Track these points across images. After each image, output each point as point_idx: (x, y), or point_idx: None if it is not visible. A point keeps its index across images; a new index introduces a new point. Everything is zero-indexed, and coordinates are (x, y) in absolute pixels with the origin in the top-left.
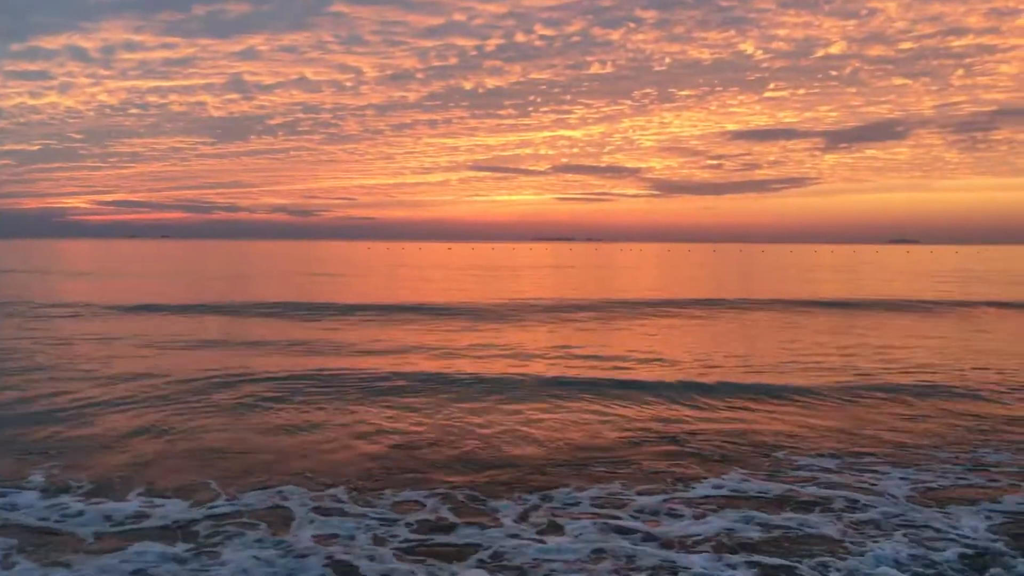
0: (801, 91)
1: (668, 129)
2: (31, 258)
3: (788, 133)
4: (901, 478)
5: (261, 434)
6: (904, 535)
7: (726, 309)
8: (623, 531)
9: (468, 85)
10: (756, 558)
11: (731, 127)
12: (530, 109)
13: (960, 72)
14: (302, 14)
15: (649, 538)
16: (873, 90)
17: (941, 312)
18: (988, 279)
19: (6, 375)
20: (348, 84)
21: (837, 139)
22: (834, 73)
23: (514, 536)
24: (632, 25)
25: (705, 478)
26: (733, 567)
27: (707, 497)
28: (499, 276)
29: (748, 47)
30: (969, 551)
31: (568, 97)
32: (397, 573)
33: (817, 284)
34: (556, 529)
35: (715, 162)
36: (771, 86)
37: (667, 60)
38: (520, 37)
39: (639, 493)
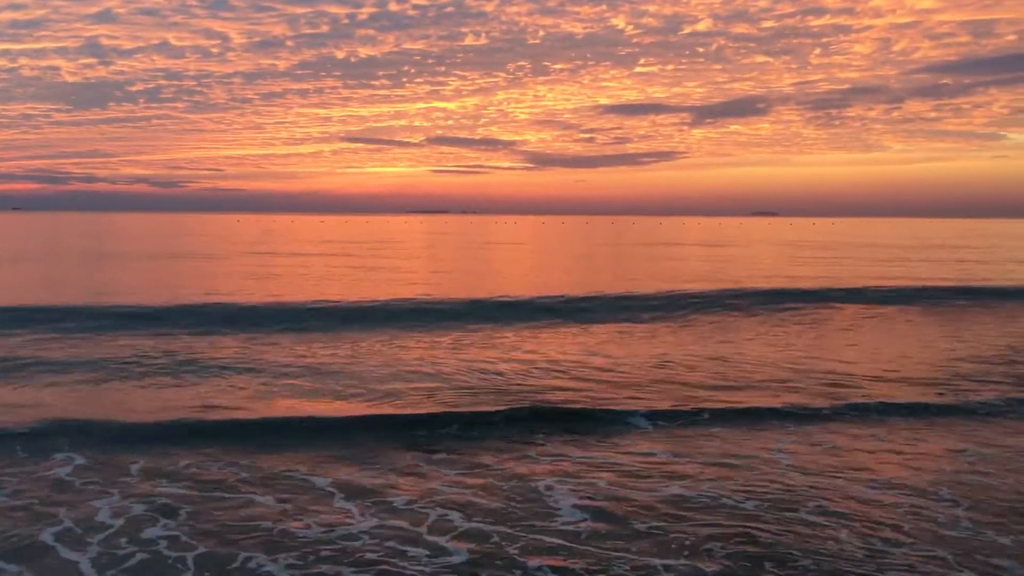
0: (670, 67)
1: (542, 102)
2: None
3: (657, 108)
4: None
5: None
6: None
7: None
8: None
9: (340, 54)
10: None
11: (603, 101)
12: (404, 80)
13: (818, 51)
14: None
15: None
16: (737, 67)
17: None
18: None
19: None
20: (214, 51)
21: (703, 114)
22: (701, 50)
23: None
24: None
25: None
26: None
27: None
28: (366, 258)
29: (619, 22)
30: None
31: (442, 68)
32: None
33: (692, 265)
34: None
35: (588, 135)
36: (641, 61)
37: (541, 33)
38: (393, 6)
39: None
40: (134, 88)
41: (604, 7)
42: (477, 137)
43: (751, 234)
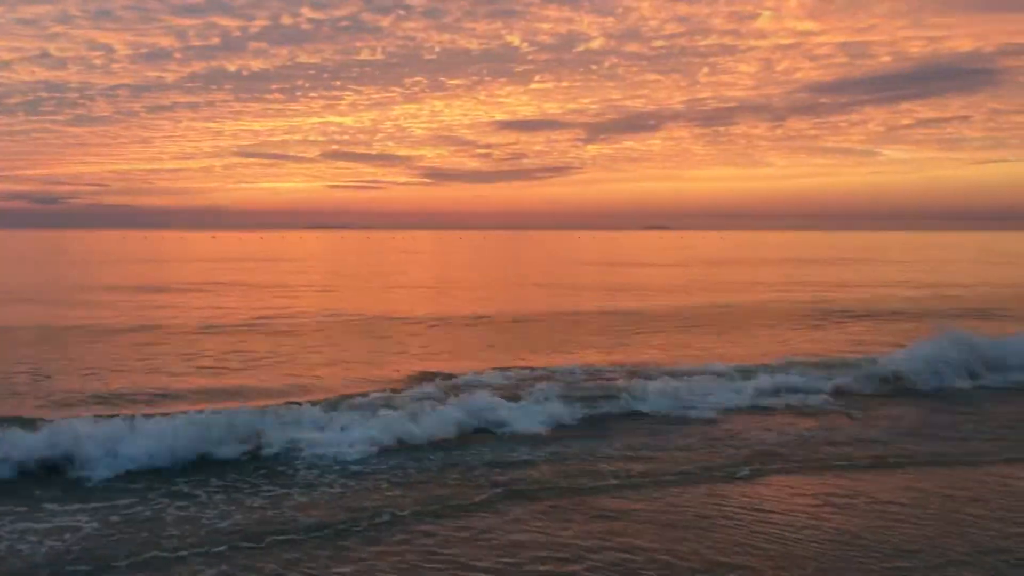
0: (564, 84)
1: (439, 118)
2: None
3: (552, 124)
4: None
5: None
6: None
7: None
8: None
9: (232, 67)
10: None
11: (499, 117)
12: (298, 94)
13: (706, 70)
14: None
15: None
16: (629, 84)
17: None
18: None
19: None
20: (97, 62)
21: (597, 131)
22: (594, 67)
23: None
24: (402, 12)
25: None
26: None
27: None
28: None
29: (515, 39)
30: None
31: (337, 83)
32: None
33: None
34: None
35: (484, 151)
36: (536, 78)
37: (437, 49)
38: (286, 19)
39: None
40: (12, 100)
41: (500, 24)
42: (374, 152)
43: (647, 248)
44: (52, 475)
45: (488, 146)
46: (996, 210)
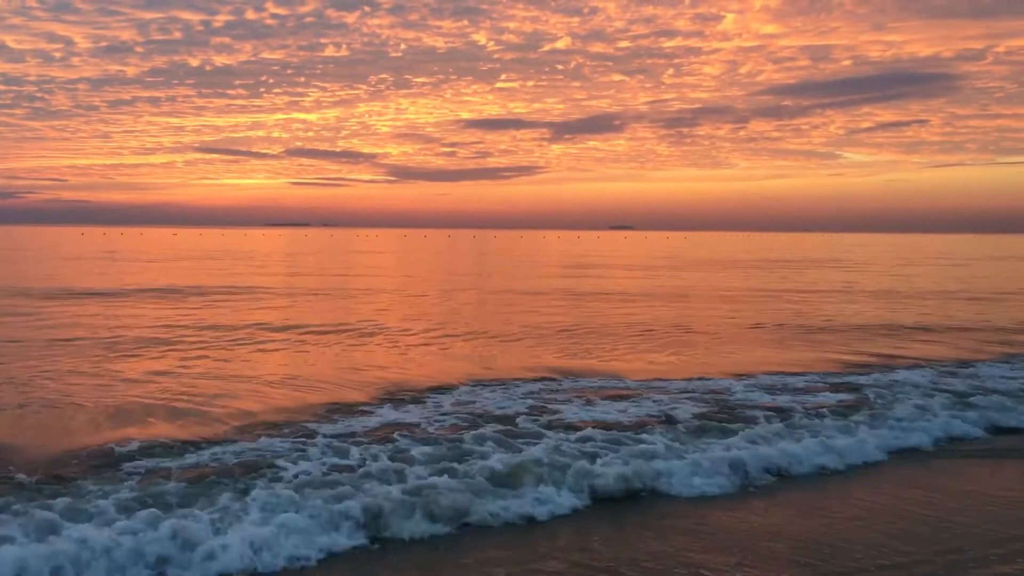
0: (530, 83)
1: (404, 115)
2: None
3: (518, 123)
4: None
5: None
6: None
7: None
8: None
9: (194, 62)
10: None
11: (465, 115)
12: (262, 90)
13: (670, 71)
14: None
15: None
16: (595, 85)
17: None
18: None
19: None
20: (57, 55)
21: (562, 130)
22: (560, 67)
23: None
24: (367, 9)
25: None
26: None
27: None
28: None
29: (480, 38)
30: None
31: (302, 79)
32: None
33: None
34: None
35: (449, 149)
36: (502, 77)
37: (403, 46)
38: (251, 14)
39: None
40: None
41: (466, 22)
42: (338, 149)
43: (615, 250)
44: None
45: (453, 144)
46: (952, 213)
